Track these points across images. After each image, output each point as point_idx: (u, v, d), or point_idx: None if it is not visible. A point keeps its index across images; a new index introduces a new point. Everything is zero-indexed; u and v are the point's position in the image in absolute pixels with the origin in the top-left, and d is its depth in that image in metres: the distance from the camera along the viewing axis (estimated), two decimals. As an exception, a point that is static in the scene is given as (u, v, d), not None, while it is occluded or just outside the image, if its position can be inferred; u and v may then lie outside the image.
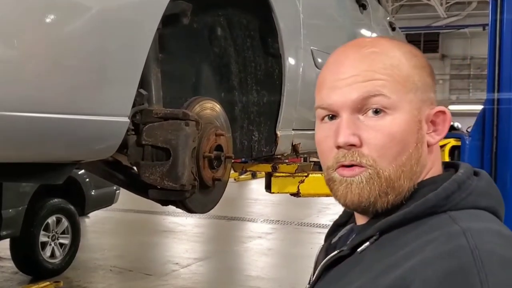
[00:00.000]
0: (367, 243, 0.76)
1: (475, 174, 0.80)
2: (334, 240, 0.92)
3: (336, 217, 0.97)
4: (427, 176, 0.80)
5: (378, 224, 0.76)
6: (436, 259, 0.67)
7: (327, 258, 0.82)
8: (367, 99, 0.77)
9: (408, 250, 0.70)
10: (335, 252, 0.81)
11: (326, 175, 0.82)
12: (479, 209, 0.75)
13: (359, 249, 0.77)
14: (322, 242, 0.96)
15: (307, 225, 7.93)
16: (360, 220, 0.85)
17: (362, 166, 0.77)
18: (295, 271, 5.43)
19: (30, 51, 1.14)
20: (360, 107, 0.77)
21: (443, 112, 0.82)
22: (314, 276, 0.85)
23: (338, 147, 0.78)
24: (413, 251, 0.70)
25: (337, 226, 0.96)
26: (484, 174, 0.80)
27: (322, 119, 0.82)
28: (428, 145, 0.81)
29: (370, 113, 0.77)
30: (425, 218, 0.74)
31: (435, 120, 0.81)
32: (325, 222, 7.97)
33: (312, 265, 0.92)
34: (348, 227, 0.92)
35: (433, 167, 0.81)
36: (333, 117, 0.81)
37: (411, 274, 0.67)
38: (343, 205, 0.81)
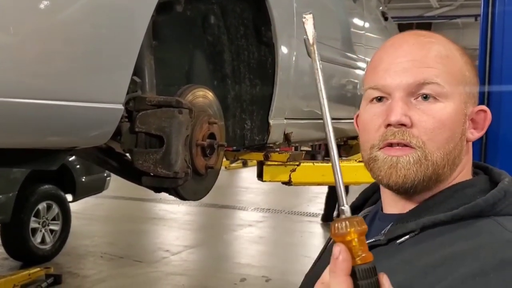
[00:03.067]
0: (407, 236, 0.77)
1: None
2: None
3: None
4: (461, 175, 0.82)
5: (422, 221, 0.77)
6: (497, 266, 0.68)
7: None
8: (422, 85, 0.78)
9: (458, 250, 0.72)
10: (371, 240, 0.80)
11: (367, 154, 0.82)
12: None
13: (398, 241, 0.77)
14: (312, 230, 0.97)
15: (298, 214, 7.97)
16: (390, 208, 0.85)
17: (411, 147, 0.78)
18: (286, 259, 5.47)
19: (24, 38, 1.14)
20: (413, 92, 0.79)
21: (484, 111, 0.84)
22: None
23: (388, 126, 0.79)
24: (465, 252, 0.71)
25: (354, 208, 0.96)
26: None
27: (371, 100, 0.83)
28: (467, 141, 0.82)
29: (420, 98, 0.79)
30: (469, 220, 0.75)
31: (475, 118, 0.83)
32: (315, 211, 8.01)
33: (305, 253, 0.91)
34: (366, 210, 0.94)
35: (466, 165, 0.83)
36: (381, 99, 0.82)
37: (472, 274, 0.68)
38: (384, 184, 0.81)
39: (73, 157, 5.14)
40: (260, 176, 2.72)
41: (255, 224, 7.23)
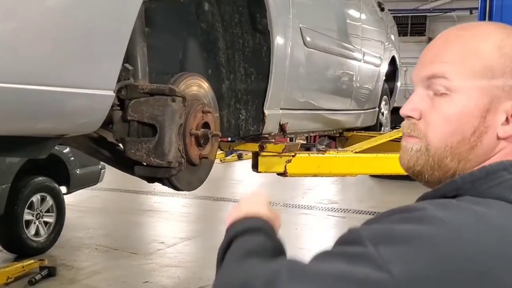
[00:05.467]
0: None
1: None
2: None
3: (321, 198, 0.97)
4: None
5: (417, 200, 0.81)
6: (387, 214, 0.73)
7: None
8: (431, 79, 0.80)
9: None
10: None
11: None
12: (505, 201, 0.73)
13: None
14: (307, 222, 0.96)
15: (293, 206, 7.95)
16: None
17: (417, 138, 0.82)
18: (281, 251, 5.45)
19: (15, 23, 1.11)
20: (428, 85, 0.81)
21: None
22: None
23: (407, 117, 0.84)
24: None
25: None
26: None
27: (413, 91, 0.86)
28: (498, 138, 0.79)
29: (433, 92, 0.81)
30: (451, 198, 0.76)
31: None
32: (310, 203, 8.00)
33: (299, 245, 0.90)
34: None
35: (491, 161, 0.79)
36: None
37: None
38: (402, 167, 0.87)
39: (67, 149, 5.10)
40: (255, 167, 2.69)
41: (250, 217, 7.21)
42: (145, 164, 1.71)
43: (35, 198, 5.01)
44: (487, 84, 0.78)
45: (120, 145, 1.75)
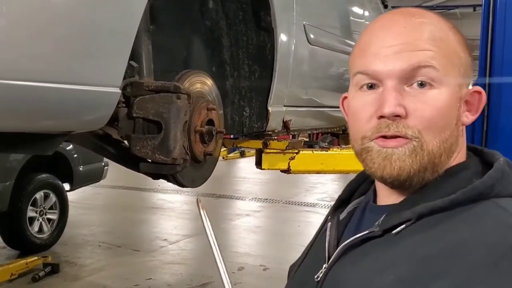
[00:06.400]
0: (403, 226, 0.73)
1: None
2: (342, 216, 0.88)
3: (323, 195, 0.95)
4: (457, 158, 0.78)
5: (418, 208, 0.73)
6: (506, 254, 0.64)
7: (352, 238, 0.77)
8: (417, 69, 0.73)
9: (461, 237, 0.68)
10: (365, 232, 0.76)
11: (359, 145, 0.78)
12: None
13: (394, 231, 0.73)
14: (309, 220, 0.94)
15: (295, 204, 7.96)
16: (385, 199, 0.81)
17: (406, 138, 0.73)
18: (283, 249, 5.46)
19: (19, 18, 1.11)
20: (407, 77, 0.74)
21: (479, 92, 0.79)
22: (335, 253, 0.80)
23: (381, 117, 0.74)
24: (468, 238, 0.67)
25: (341, 201, 0.92)
26: (510, 162, 0.78)
27: (361, 87, 0.78)
28: (462, 125, 0.78)
29: (415, 85, 0.74)
30: (467, 205, 0.71)
31: (470, 100, 0.79)
32: (312, 200, 8.01)
33: (302, 242, 0.89)
34: (355, 202, 0.89)
35: (462, 149, 0.79)
36: (372, 86, 0.76)
37: (479, 263, 0.65)
38: (378, 177, 0.77)
39: (71, 146, 5.12)
40: (258, 164, 2.70)
41: (252, 214, 7.22)
42: (150, 161, 1.71)
43: (39, 195, 5.03)
44: (457, 71, 0.76)
45: (125, 142, 1.75)
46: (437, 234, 0.70)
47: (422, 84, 0.73)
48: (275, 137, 2.71)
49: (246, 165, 12.06)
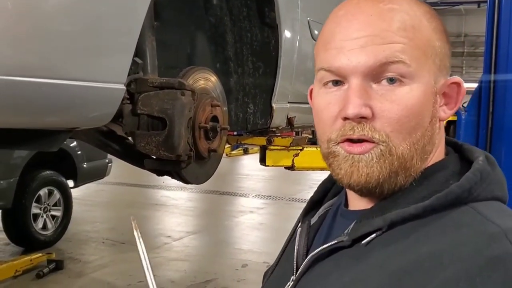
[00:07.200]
0: (373, 235, 0.66)
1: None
2: (313, 220, 0.82)
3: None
4: (435, 157, 0.72)
5: (389, 216, 0.66)
6: (484, 268, 0.58)
7: (320, 249, 0.70)
8: (384, 65, 0.66)
9: (435, 249, 0.62)
10: (333, 242, 0.69)
11: (325, 148, 0.71)
12: (495, 200, 0.68)
13: (363, 241, 0.67)
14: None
15: (298, 201, 7.96)
16: (356, 203, 0.74)
17: (372, 142, 0.67)
18: (287, 245, 5.46)
19: (24, 15, 1.11)
20: (374, 74, 0.66)
21: (458, 84, 0.72)
22: (302, 266, 0.73)
23: (345, 119, 0.67)
24: (443, 251, 0.61)
25: (314, 203, 0.85)
26: (493, 159, 0.72)
27: (325, 84, 0.70)
28: (439, 120, 0.71)
29: (384, 81, 0.66)
30: (443, 211, 0.65)
31: (448, 93, 0.72)
32: (316, 197, 8.01)
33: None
34: (327, 204, 0.83)
35: (439, 147, 0.72)
36: (338, 82, 0.69)
37: (455, 280, 0.58)
38: (345, 185, 0.70)
39: (75, 143, 5.12)
40: (263, 160, 2.70)
41: (256, 211, 7.22)
42: (154, 157, 1.71)
43: (43, 191, 5.04)
44: (432, 63, 0.69)
45: (130, 138, 1.75)
46: (410, 245, 0.63)
47: (391, 80, 0.66)
48: (279, 134, 2.71)
49: (249, 162, 12.06)
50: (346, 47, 0.67)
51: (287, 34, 2.33)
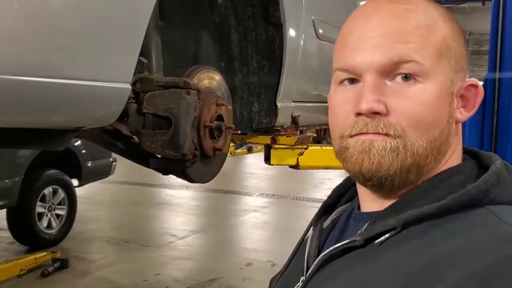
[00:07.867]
0: (387, 235, 0.66)
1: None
2: (326, 224, 0.82)
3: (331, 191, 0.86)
4: (451, 160, 0.71)
5: (403, 216, 0.65)
6: (497, 266, 0.57)
7: (331, 248, 0.70)
8: (398, 64, 0.66)
9: (449, 249, 0.61)
10: (345, 241, 0.69)
11: (337, 144, 0.71)
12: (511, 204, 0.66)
13: (377, 241, 0.66)
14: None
15: (303, 200, 7.96)
16: (369, 206, 0.74)
17: (388, 136, 0.66)
18: (290, 244, 5.45)
19: (30, 13, 1.11)
20: (388, 72, 0.67)
21: (475, 86, 0.72)
22: (313, 265, 0.73)
23: (359, 115, 0.67)
24: (457, 251, 0.60)
25: (326, 208, 0.85)
26: (511, 167, 0.71)
27: (341, 82, 0.71)
28: (456, 122, 0.71)
29: (398, 78, 0.67)
30: (459, 212, 0.64)
31: (465, 95, 0.71)
32: (320, 196, 8.00)
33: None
34: (340, 209, 0.83)
35: (456, 151, 0.72)
36: (353, 80, 0.69)
37: (468, 278, 0.58)
38: (356, 174, 0.69)
39: (79, 142, 5.14)
40: (267, 159, 2.70)
41: (260, 210, 7.23)
42: (159, 156, 1.72)
43: (47, 190, 5.05)
44: (447, 64, 0.69)
45: (135, 137, 1.76)
46: (423, 245, 0.63)
47: (406, 77, 0.67)
48: (284, 133, 2.71)
49: (253, 161, 12.07)
50: (361, 46, 0.68)
51: (291, 33, 2.33)
